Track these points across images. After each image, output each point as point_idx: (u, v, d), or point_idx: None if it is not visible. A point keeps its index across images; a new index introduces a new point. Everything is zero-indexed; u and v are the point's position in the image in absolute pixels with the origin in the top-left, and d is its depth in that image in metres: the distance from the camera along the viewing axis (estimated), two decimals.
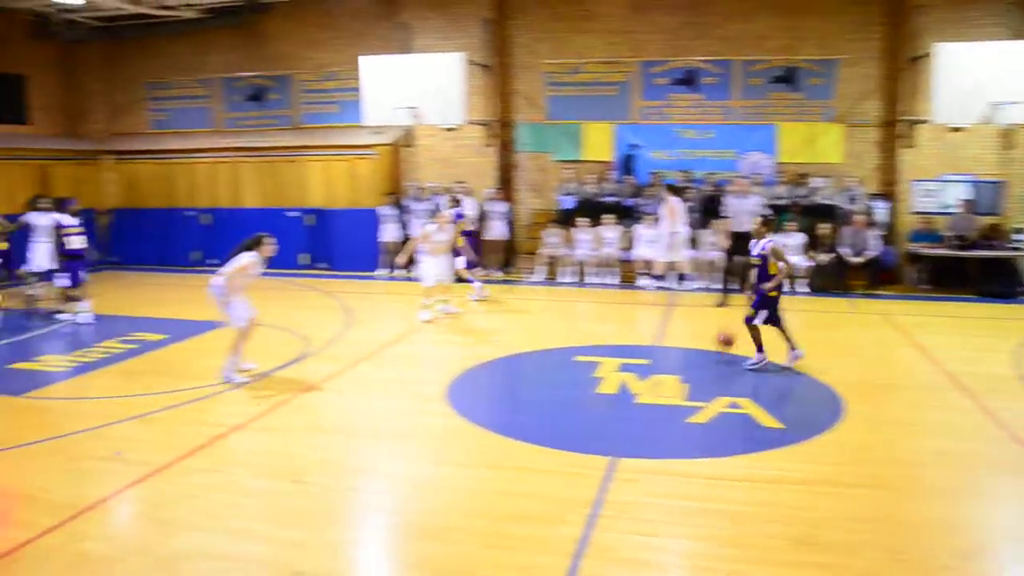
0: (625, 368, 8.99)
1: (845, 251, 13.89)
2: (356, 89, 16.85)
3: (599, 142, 16.57)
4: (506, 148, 17.10)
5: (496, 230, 16.03)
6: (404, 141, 17.28)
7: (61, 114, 20.04)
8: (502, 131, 16.95)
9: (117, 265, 18.73)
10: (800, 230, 14.17)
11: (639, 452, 6.51)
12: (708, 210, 14.60)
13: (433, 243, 11.74)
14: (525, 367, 9.75)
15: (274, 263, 12.33)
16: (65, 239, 12.40)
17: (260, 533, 5.23)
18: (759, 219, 9.40)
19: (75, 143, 19.71)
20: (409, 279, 15.71)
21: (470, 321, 11.50)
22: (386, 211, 16.43)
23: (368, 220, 16.70)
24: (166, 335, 11.15)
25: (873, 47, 15.08)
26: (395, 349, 10.37)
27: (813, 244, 14.19)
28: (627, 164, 16.34)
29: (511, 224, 16.65)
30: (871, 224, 14.20)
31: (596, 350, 10.00)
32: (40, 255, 12.74)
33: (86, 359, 9.97)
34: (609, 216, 15.26)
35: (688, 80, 16.03)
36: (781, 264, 9.00)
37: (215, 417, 7.66)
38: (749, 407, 7.63)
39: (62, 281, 12.49)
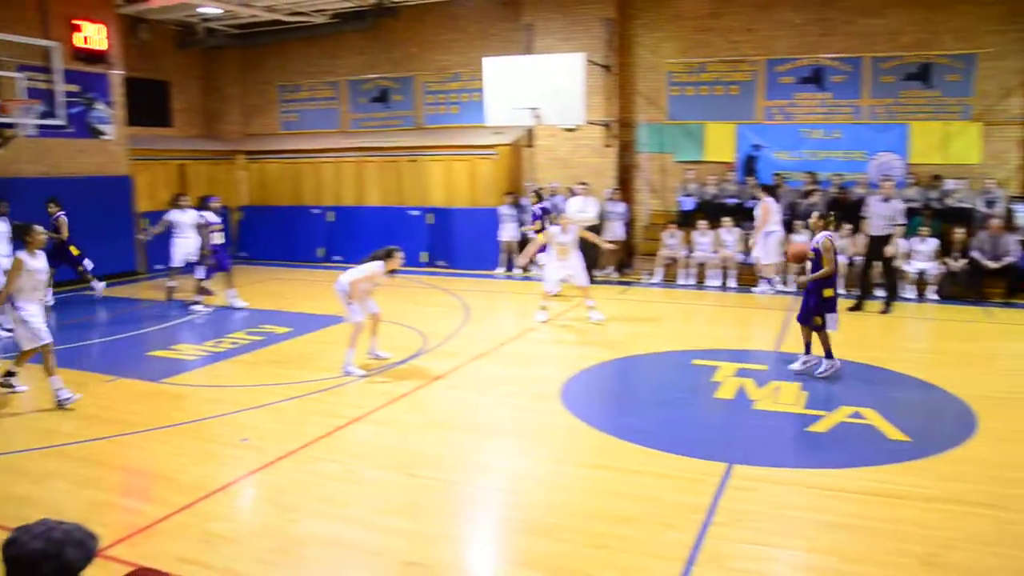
0: (743, 373, 8.80)
1: (981, 257, 13.15)
2: (478, 90, 17.07)
3: (721, 142, 16.27)
4: (626, 149, 16.99)
5: (614, 231, 15.92)
6: (524, 141, 17.41)
7: (200, 116, 21.24)
8: (622, 131, 16.85)
9: (246, 260, 19.59)
10: (933, 235, 13.50)
11: (756, 459, 6.36)
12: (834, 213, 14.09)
13: (556, 245, 11.59)
14: (641, 369, 9.67)
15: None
16: (209, 234, 13.11)
17: (375, 522, 5.37)
18: (816, 213, 9.01)
19: (212, 143, 20.77)
20: (527, 278, 15.83)
21: (587, 322, 11.47)
22: (505, 211, 16.57)
23: (487, 219, 16.88)
24: (291, 328, 11.59)
25: (1018, 40, 14.20)
26: (511, 347, 10.46)
27: (946, 249, 13.49)
28: (749, 165, 15.97)
29: (628, 225, 16.52)
30: (1011, 228, 13.40)
31: (714, 354, 9.81)
32: (181, 250, 13.42)
33: (217, 349, 10.47)
34: (728, 218, 14.93)
35: (815, 78, 15.52)
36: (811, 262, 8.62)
37: (336, 408, 7.91)
38: (873, 418, 7.33)
39: (200, 274, 13.15)
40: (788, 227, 14.24)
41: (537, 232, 14.59)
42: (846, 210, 13.79)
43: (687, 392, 8.43)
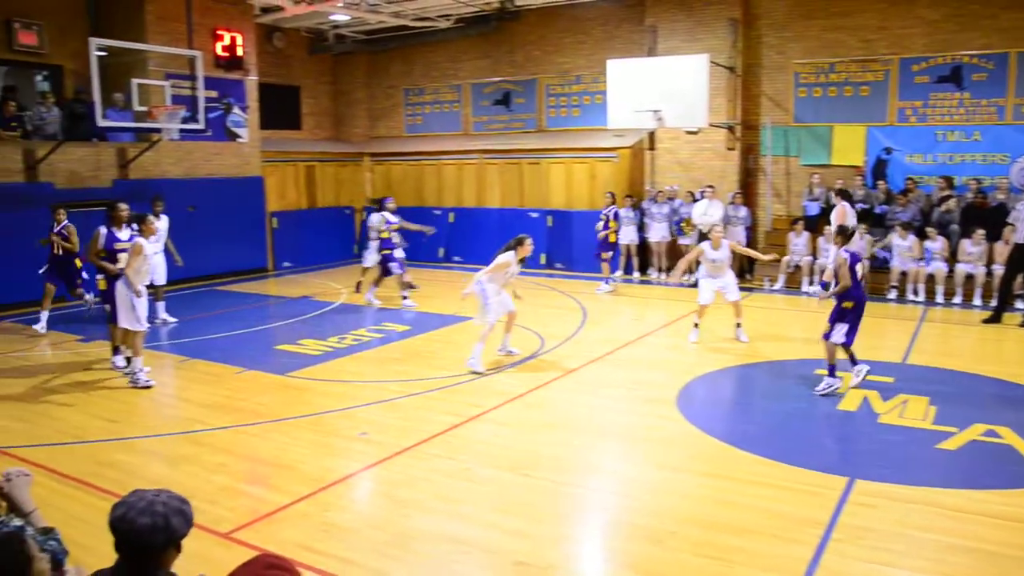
0: (867, 384, 8.42)
1: None
2: (599, 92, 17.01)
3: (850, 145, 15.63)
4: (749, 152, 16.57)
5: (736, 236, 15.52)
6: (645, 144, 17.22)
7: (328, 120, 21.98)
8: (745, 134, 16.44)
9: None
10: None
11: (880, 475, 6.07)
12: (971, 219, 13.37)
13: (707, 262, 10.83)
14: (761, 376, 9.39)
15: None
16: (391, 233, 13.53)
17: (487, 521, 5.40)
18: (834, 229, 8.63)
19: (339, 146, 21.45)
20: (645, 281, 15.64)
21: (706, 327, 11.23)
22: (625, 213, 16.42)
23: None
24: (410, 326, 11.82)
25: None
26: (628, 351, 10.35)
27: None
28: (879, 169, 15.29)
29: (750, 230, 16.09)
30: None
31: (839, 364, 9.42)
32: (372, 252, 13.87)
33: (339, 345, 10.77)
34: (862, 224, 14.27)
35: (953, 77, 14.69)
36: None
37: (453, 406, 8.01)
38: (1010, 437, 6.88)
39: (396, 270, 13.49)
40: (920, 234, 13.58)
41: (607, 234, 15.22)
42: (984, 217, 13.03)
43: (808, 402, 8.14)
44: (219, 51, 16.94)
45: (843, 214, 13.37)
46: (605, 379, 9.06)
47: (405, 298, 13.52)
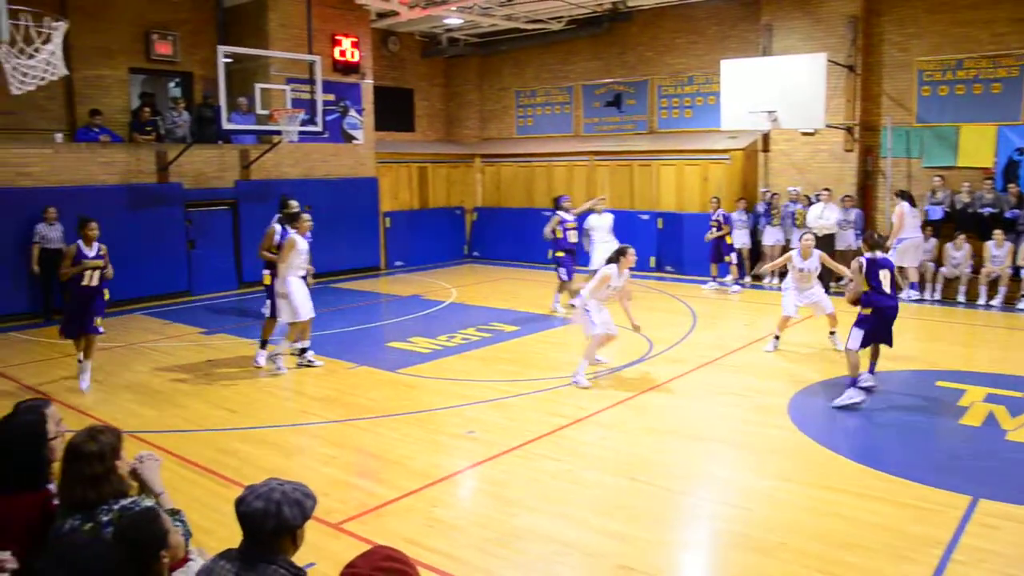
0: (994, 399, 8.00)
1: None
2: (712, 93, 16.74)
3: (978, 146, 14.83)
4: (868, 153, 15.95)
5: (847, 240, 14.93)
6: (759, 146, 16.83)
7: (440, 121, 22.37)
8: (863, 135, 15.84)
9: (478, 259, 20.37)
10: None
11: (1006, 495, 5.75)
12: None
13: (795, 271, 10.42)
14: (881, 388, 9.01)
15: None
16: (566, 233, 13.07)
17: (591, 523, 5.39)
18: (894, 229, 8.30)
19: (450, 147, 21.78)
20: (757, 287, 15.29)
21: (820, 334, 10.89)
22: (737, 216, 16.09)
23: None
24: (518, 327, 11.88)
25: None
26: (738, 357, 10.13)
27: None
28: (1011, 171, 14.47)
29: (863, 234, 15.41)
30: None
31: (961, 376, 9.03)
32: (600, 255, 13.13)
33: (448, 344, 10.92)
34: (999, 231, 13.51)
35: None
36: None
37: (559, 408, 8.02)
38: None
39: (563, 276, 13.00)
40: None
41: (719, 236, 15.05)
42: None
43: (929, 416, 7.81)
44: (337, 56, 17.47)
45: (902, 216, 12.84)
46: (714, 385, 8.90)
47: (572, 306, 12.70)
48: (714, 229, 15.18)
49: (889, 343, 8.35)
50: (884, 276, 8.15)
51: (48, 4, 13.06)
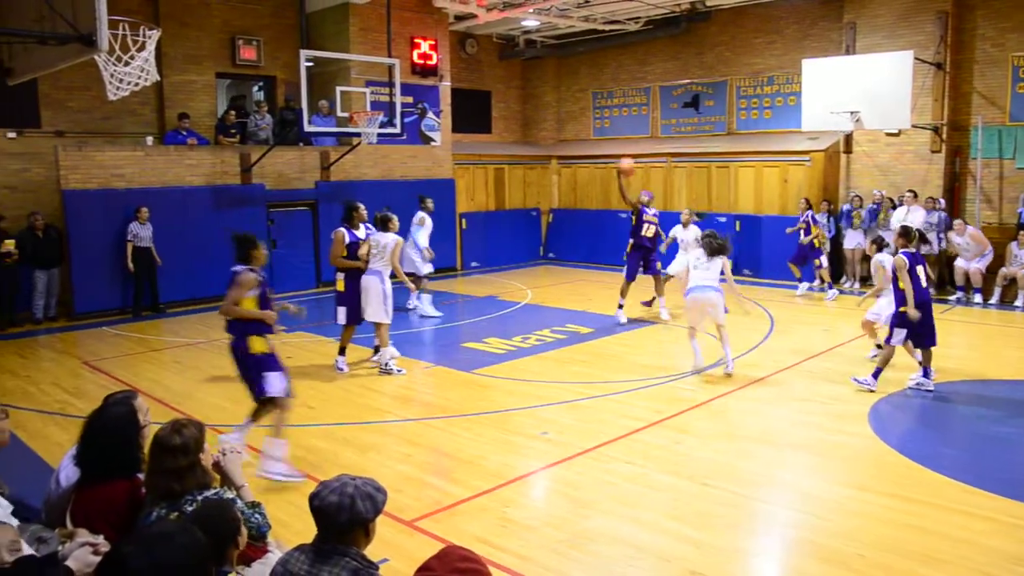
0: None
1: None
2: (792, 94, 16.44)
3: None
4: (956, 154, 15.40)
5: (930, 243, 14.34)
6: (840, 147, 16.42)
7: (517, 123, 22.47)
8: (952, 135, 15.30)
9: (553, 260, 20.37)
10: None
11: None
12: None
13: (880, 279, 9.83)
14: (963, 396, 8.72)
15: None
16: (644, 226, 12.73)
17: (664, 528, 5.34)
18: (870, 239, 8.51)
19: (527, 149, 21.85)
20: (839, 291, 14.92)
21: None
22: (818, 220, 15.71)
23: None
24: (593, 328, 11.84)
25: None
26: (817, 362, 9.91)
27: None
28: None
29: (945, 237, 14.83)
30: None
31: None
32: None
33: (523, 345, 10.95)
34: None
35: None
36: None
37: (633, 411, 7.97)
38: None
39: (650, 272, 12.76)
40: None
41: (811, 239, 14.57)
42: None
43: (1018, 427, 7.50)
44: (415, 58, 17.70)
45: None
46: (792, 391, 8.72)
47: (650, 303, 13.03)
48: (802, 231, 14.86)
49: (934, 341, 8.52)
50: (920, 272, 8.39)
51: (143, 13, 13.68)
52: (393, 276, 9.65)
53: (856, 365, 9.71)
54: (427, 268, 13.41)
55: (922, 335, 8.48)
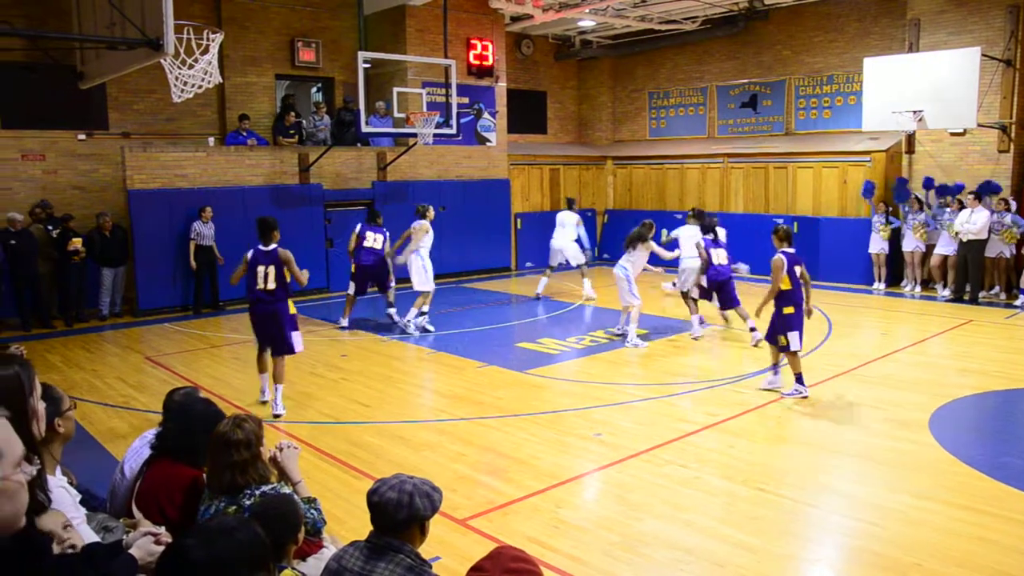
0: None
1: None
2: (853, 93, 16.17)
3: None
4: None
5: (998, 247, 13.95)
6: (902, 147, 16.06)
7: (572, 124, 22.45)
8: (1020, 134, 14.85)
9: (608, 261, 20.24)
10: None
11: None
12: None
13: None
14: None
15: (757, 269, 12.35)
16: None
17: (719, 533, 5.29)
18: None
19: (582, 149, 21.81)
20: (895, 293, 14.62)
21: (969, 346, 10.32)
22: (877, 220, 15.41)
23: (858, 230, 15.82)
24: (647, 330, 11.77)
25: None
26: (876, 367, 9.71)
27: None
28: None
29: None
30: None
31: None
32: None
33: (578, 346, 10.96)
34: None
35: None
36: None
37: (687, 414, 7.92)
38: None
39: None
40: None
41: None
42: None
43: None
44: (471, 59, 17.79)
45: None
46: (849, 396, 8.57)
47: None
48: (880, 232, 14.60)
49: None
50: (798, 271, 8.42)
51: (206, 17, 14.00)
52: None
53: (917, 370, 9.52)
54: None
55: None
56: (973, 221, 13.71)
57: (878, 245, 15.35)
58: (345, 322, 12.40)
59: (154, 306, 13.67)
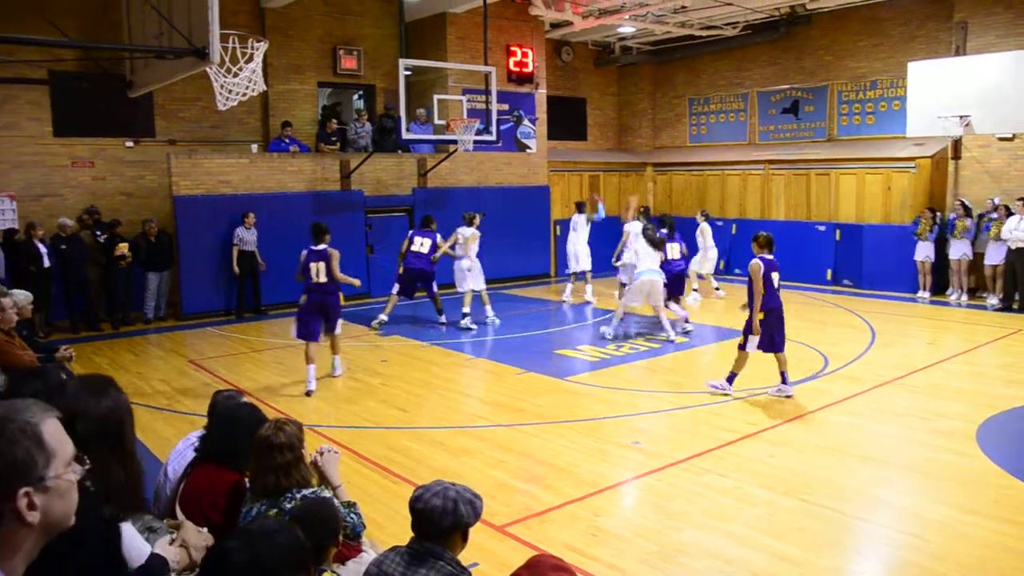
0: None
1: None
2: (897, 98, 15.95)
3: None
4: None
5: None
6: (948, 153, 15.78)
7: (612, 130, 22.41)
8: None
9: None
10: None
11: None
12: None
13: None
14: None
15: (799, 276, 12.25)
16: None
17: (760, 543, 5.24)
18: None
19: (622, 156, 21.76)
20: (940, 302, 14.37)
21: (1018, 356, 10.11)
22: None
23: (902, 238, 15.56)
24: (687, 338, 11.69)
25: None
26: (921, 377, 9.55)
27: None
28: None
29: None
30: None
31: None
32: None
33: (616, 353, 10.91)
34: None
35: None
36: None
37: (727, 423, 7.85)
38: None
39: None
40: None
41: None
42: None
43: None
44: (511, 66, 17.85)
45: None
46: (894, 406, 8.43)
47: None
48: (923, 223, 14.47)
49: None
50: (775, 278, 8.49)
51: (251, 26, 14.20)
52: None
53: (965, 380, 9.34)
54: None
55: (777, 341, 8.61)
56: (1022, 228, 13.45)
57: (923, 253, 15.07)
58: (385, 317, 12.89)
59: (197, 310, 13.90)
